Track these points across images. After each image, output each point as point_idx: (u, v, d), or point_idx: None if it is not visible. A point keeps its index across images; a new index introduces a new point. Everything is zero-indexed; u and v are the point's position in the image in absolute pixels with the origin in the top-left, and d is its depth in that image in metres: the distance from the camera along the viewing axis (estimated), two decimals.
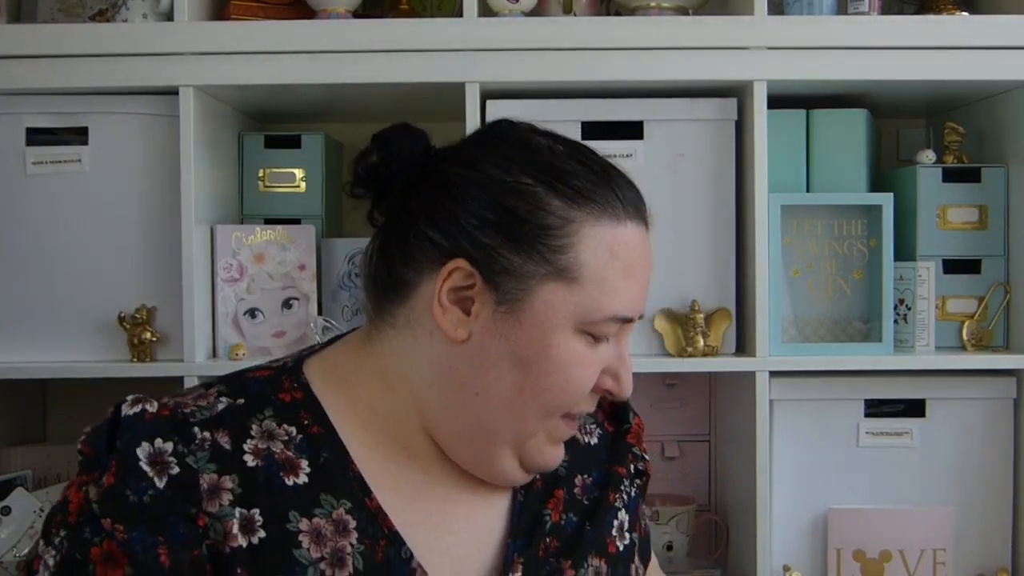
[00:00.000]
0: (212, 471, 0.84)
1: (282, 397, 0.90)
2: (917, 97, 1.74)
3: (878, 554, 1.61)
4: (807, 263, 1.64)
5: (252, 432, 0.87)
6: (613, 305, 0.88)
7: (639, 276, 0.91)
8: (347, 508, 0.86)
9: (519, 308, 0.87)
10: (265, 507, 0.84)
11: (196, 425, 0.85)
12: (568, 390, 0.89)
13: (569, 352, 0.88)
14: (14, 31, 1.55)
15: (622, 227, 0.90)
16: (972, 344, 1.63)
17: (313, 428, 0.89)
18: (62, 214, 1.57)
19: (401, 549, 0.87)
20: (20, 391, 1.75)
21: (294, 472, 0.86)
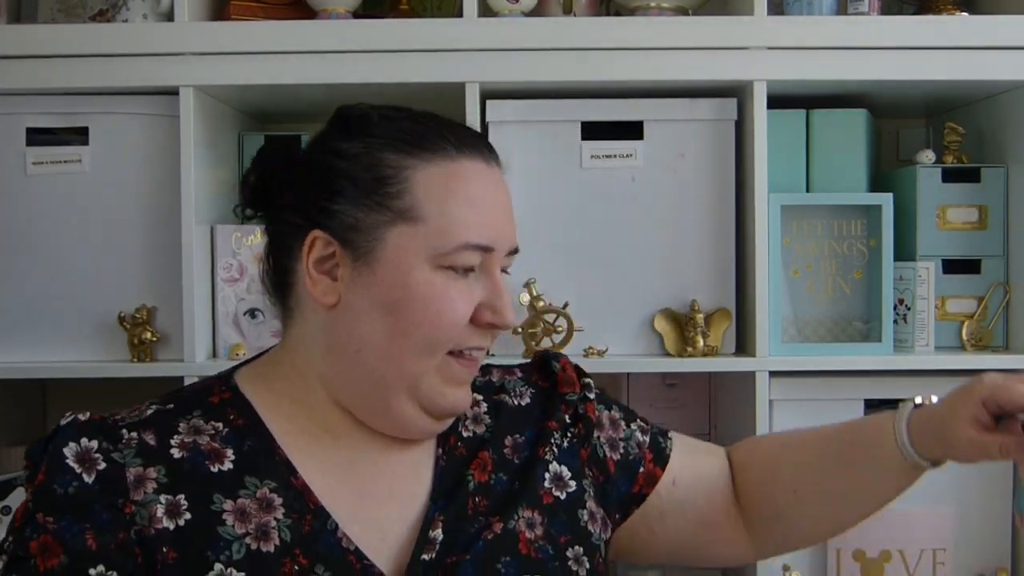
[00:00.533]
0: (138, 464, 0.92)
1: (211, 400, 0.99)
2: (917, 97, 1.74)
3: (878, 554, 1.61)
4: (807, 263, 1.64)
5: (179, 429, 0.96)
6: (460, 234, 0.94)
7: (485, 205, 0.96)
8: (271, 488, 0.93)
9: (373, 259, 0.94)
10: (190, 492, 0.92)
11: (124, 428, 0.94)
12: (439, 325, 0.94)
13: (429, 288, 0.94)
14: (14, 31, 1.55)
15: (456, 163, 0.96)
16: (972, 344, 1.63)
17: (239, 421, 0.97)
18: (62, 214, 1.57)
19: (327, 521, 0.93)
20: (20, 391, 1.75)
21: (219, 460, 0.94)
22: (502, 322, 0.96)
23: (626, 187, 1.59)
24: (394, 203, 0.94)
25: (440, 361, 0.96)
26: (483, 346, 0.98)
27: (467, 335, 0.96)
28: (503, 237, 0.97)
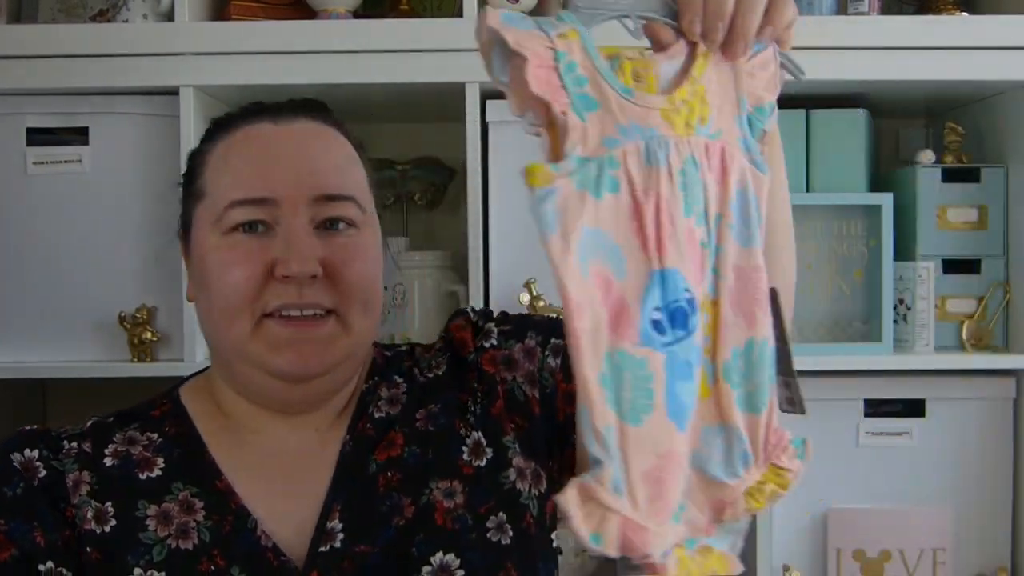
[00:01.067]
0: (75, 470, 0.96)
1: (153, 413, 1.02)
2: (917, 97, 1.74)
3: (878, 554, 1.61)
4: (807, 263, 1.64)
5: (115, 439, 0.99)
6: (228, 194, 0.95)
7: (260, 160, 0.96)
8: (193, 492, 0.96)
9: (190, 244, 1.00)
10: (117, 500, 0.95)
11: (65, 439, 0.99)
12: (226, 287, 0.94)
13: (216, 253, 0.95)
14: (14, 31, 1.55)
15: (238, 131, 0.98)
16: (971, 344, 1.63)
17: (172, 431, 1.00)
18: (62, 214, 1.56)
19: (247, 520, 0.95)
20: (20, 391, 1.75)
21: (148, 468, 0.97)
22: (287, 271, 0.92)
23: None
24: (194, 188, 1.00)
25: (256, 325, 0.94)
26: (291, 302, 0.94)
27: (268, 293, 0.94)
28: (287, 186, 0.95)
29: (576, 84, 0.74)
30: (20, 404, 1.79)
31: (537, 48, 0.73)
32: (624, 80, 0.75)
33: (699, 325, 0.75)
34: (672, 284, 0.73)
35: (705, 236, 0.76)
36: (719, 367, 0.76)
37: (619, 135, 0.74)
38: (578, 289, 0.71)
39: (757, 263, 0.78)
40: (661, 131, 0.75)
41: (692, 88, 0.77)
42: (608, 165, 0.73)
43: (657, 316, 0.72)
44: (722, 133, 0.78)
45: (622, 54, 0.77)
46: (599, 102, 0.74)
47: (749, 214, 0.78)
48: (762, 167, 0.80)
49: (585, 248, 0.71)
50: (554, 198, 0.71)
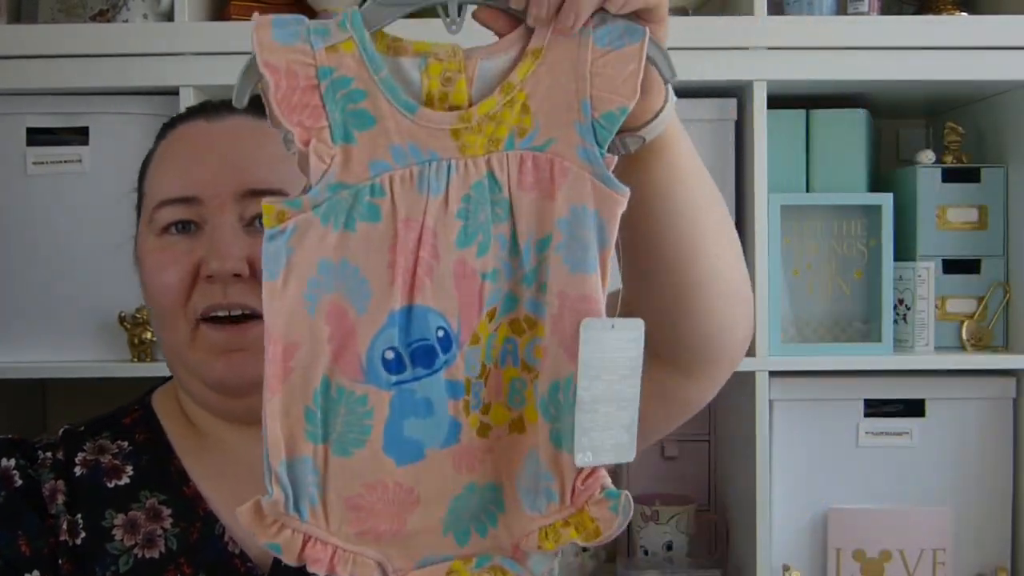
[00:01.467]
0: (50, 479, 0.95)
1: (124, 421, 1.01)
2: (917, 97, 1.74)
3: (878, 554, 1.61)
4: (807, 263, 1.64)
5: (85, 448, 0.97)
6: (156, 194, 0.95)
7: (188, 158, 0.94)
8: (160, 499, 0.95)
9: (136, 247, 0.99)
10: (86, 512, 0.94)
11: (39, 449, 0.97)
12: (156, 289, 0.93)
13: (148, 255, 0.95)
14: (14, 31, 1.55)
15: (172, 132, 0.97)
16: (971, 344, 1.63)
17: (142, 438, 0.98)
18: (62, 214, 1.56)
19: (215, 527, 0.94)
20: (20, 391, 1.75)
21: (117, 476, 0.96)
22: (209, 270, 0.90)
23: None
24: (139, 192, 1.00)
25: (193, 331, 0.92)
26: (216, 302, 0.91)
27: (196, 294, 0.91)
28: (211, 183, 0.92)
29: (349, 100, 0.68)
30: (20, 404, 1.79)
31: (293, 66, 0.68)
32: (429, 84, 0.70)
33: (457, 361, 0.70)
34: (420, 322, 0.69)
35: (499, 264, 0.70)
36: (538, 398, 0.71)
37: (391, 158, 0.69)
38: (290, 329, 0.68)
39: (586, 292, 0.70)
40: (445, 154, 0.69)
41: (505, 97, 0.70)
42: (369, 193, 0.68)
43: (390, 355, 0.69)
44: (554, 143, 0.70)
45: (431, 52, 0.71)
46: (376, 119, 0.69)
47: (584, 237, 0.70)
48: (612, 183, 0.70)
49: (321, 283, 0.68)
50: (284, 237, 0.68)
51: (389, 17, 0.70)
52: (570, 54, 0.70)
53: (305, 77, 0.68)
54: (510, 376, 0.72)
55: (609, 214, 0.70)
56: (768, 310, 1.55)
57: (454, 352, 0.70)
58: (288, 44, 0.68)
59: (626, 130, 0.73)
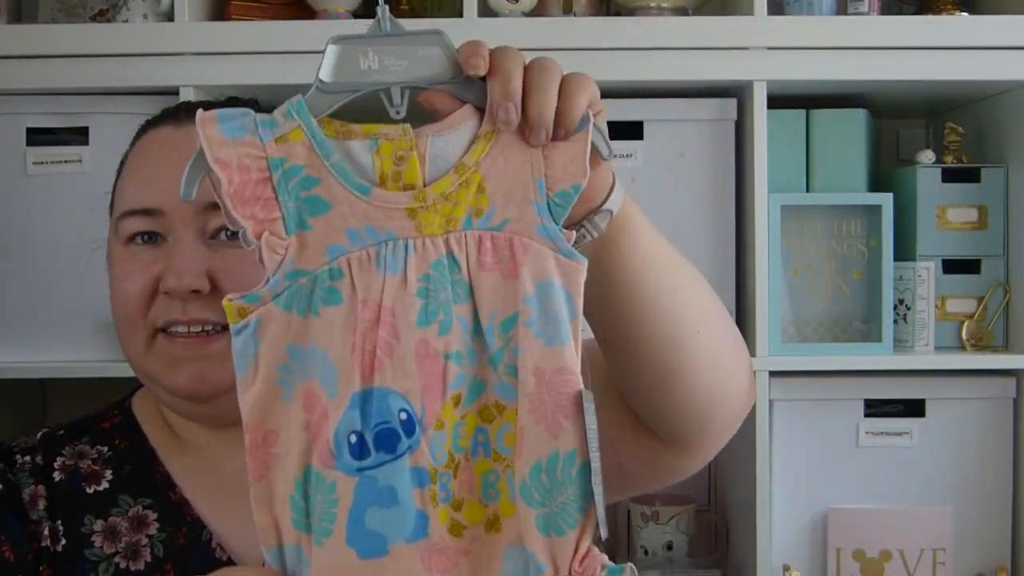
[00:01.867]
0: (30, 484, 0.93)
1: (103, 425, 0.99)
2: (917, 97, 1.74)
3: (878, 554, 1.61)
4: (807, 263, 1.64)
5: (64, 452, 0.96)
6: (121, 204, 0.93)
7: (154, 167, 0.93)
8: (146, 504, 0.93)
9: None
10: (66, 518, 0.92)
11: (18, 453, 0.96)
12: (118, 300, 0.92)
13: (115, 265, 0.93)
14: (14, 31, 1.55)
15: (143, 138, 0.96)
16: (971, 344, 1.63)
17: (123, 444, 0.97)
18: (62, 214, 1.56)
19: (202, 533, 0.93)
20: (20, 391, 1.75)
21: (96, 481, 0.94)
22: (167, 286, 0.89)
23: (626, 187, 1.59)
24: (112, 197, 0.97)
25: (149, 340, 0.91)
26: (175, 318, 0.90)
27: (155, 308, 0.91)
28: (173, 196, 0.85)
29: (302, 187, 0.69)
30: (20, 404, 1.79)
31: (244, 160, 0.68)
32: (382, 165, 0.70)
33: (422, 446, 0.69)
34: (381, 404, 0.68)
35: (462, 347, 0.70)
36: (517, 484, 0.69)
37: (348, 241, 0.69)
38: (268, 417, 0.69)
39: (564, 365, 0.69)
40: (402, 233, 0.69)
41: (460, 178, 0.70)
42: (328, 277, 0.68)
43: (353, 439, 0.68)
44: (511, 222, 0.70)
45: (380, 133, 0.71)
46: (331, 204, 0.69)
47: (555, 311, 0.69)
48: (573, 255, 0.71)
49: (293, 369, 0.68)
50: (249, 331, 0.68)
51: (334, 103, 0.70)
52: (522, 138, 0.71)
53: (257, 170, 0.68)
54: (483, 469, 0.70)
55: (574, 286, 0.71)
56: (768, 310, 1.55)
57: (418, 436, 0.69)
58: (237, 138, 0.68)
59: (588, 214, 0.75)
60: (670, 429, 0.89)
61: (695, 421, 0.87)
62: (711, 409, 0.87)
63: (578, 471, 0.69)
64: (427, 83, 0.71)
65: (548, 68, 0.72)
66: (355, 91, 0.71)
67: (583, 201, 0.73)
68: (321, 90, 0.70)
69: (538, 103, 0.70)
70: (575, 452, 0.69)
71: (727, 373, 0.86)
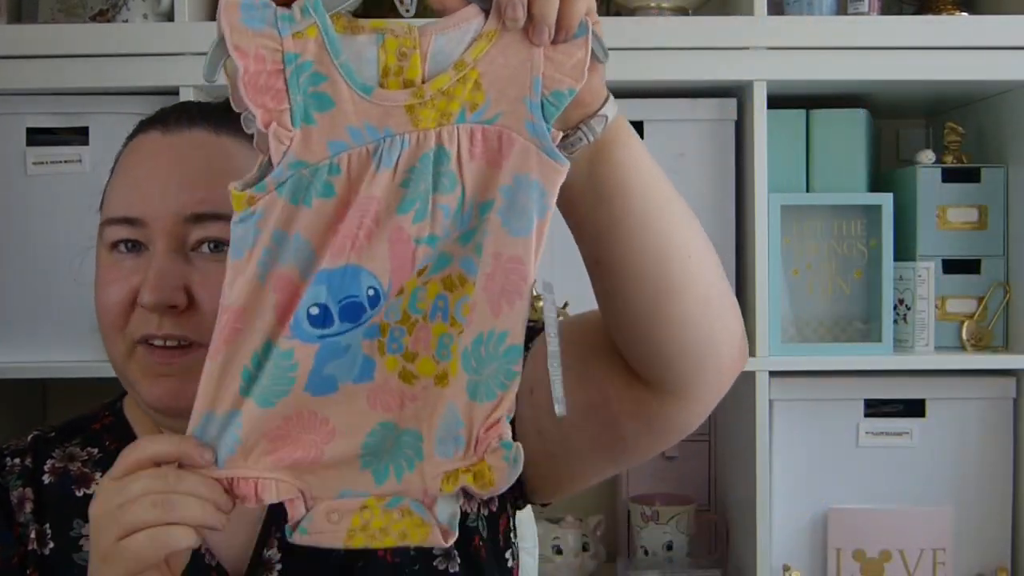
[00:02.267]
0: (19, 486, 0.94)
1: (94, 426, 0.99)
2: (917, 97, 1.74)
3: (878, 554, 1.61)
4: (807, 263, 1.64)
5: (54, 455, 0.96)
6: (107, 211, 0.92)
7: (139, 175, 0.91)
8: None
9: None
10: (55, 521, 0.92)
11: (7, 455, 0.96)
12: (105, 309, 0.90)
13: (98, 270, 0.92)
14: (14, 31, 1.55)
15: (133, 142, 0.95)
16: (972, 344, 1.63)
17: (112, 446, 0.96)
18: (62, 214, 1.56)
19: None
20: (20, 391, 1.75)
21: (86, 485, 0.94)
22: (142, 300, 0.87)
23: None
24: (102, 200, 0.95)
25: (130, 350, 0.90)
26: (151, 332, 0.88)
27: (133, 321, 0.89)
28: (154, 205, 0.88)
29: (310, 83, 0.72)
30: (20, 404, 1.79)
31: (261, 51, 0.71)
32: (386, 59, 0.73)
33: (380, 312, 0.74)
34: (352, 280, 0.73)
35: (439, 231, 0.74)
36: (461, 350, 0.75)
37: (349, 138, 0.72)
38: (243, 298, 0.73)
39: (519, 254, 0.75)
40: (399, 128, 0.73)
41: (458, 74, 0.73)
42: (327, 171, 0.72)
43: (314, 311, 0.73)
44: (502, 116, 0.74)
45: (387, 29, 0.73)
46: (335, 102, 0.72)
47: (524, 204, 0.74)
48: (555, 155, 0.74)
49: (272, 252, 0.73)
50: (253, 219, 0.72)
51: (348, 1, 0.73)
52: (523, 39, 0.74)
53: (272, 62, 0.71)
54: (439, 331, 0.76)
55: (550, 185, 0.75)
56: (768, 310, 1.55)
57: (380, 306, 0.75)
58: (257, 29, 0.71)
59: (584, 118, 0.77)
60: (660, 368, 0.85)
61: (686, 355, 0.84)
62: (703, 344, 0.84)
63: (504, 351, 0.75)
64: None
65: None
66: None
67: (580, 105, 0.76)
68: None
69: (542, 4, 0.72)
70: (507, 333, 0.75)
71: (719, 311, 0.85)
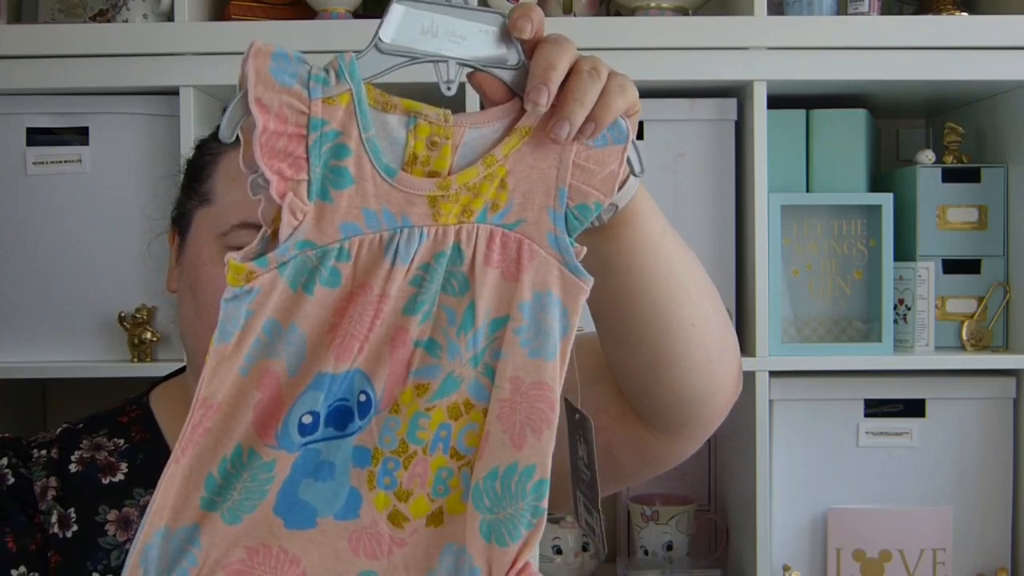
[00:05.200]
0: (43, 476, 0.96)
1: (121, 419, 1.01)
2: (917, 97, 1.74)
3: (878, 554, 1.61)
4: (807, 263, 1.64)
5: (81, 445, 0.98)
6: (235, 212, 0.90)
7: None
8: None
9: (186, 242, 0.95)
10: (80, 506, 0.95)
11: (35, 447, 0.98)
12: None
13: (215, 267, 0.90)
14: (14, 31, 1.55)
15: (230, 154, 0.94)
16: (971, 344, 1.63)
17: (139, 437, 0.99)
18: (62, 214, 1.56)
19: None
20: (20, 391, 1.75)
21: (112, 473, 0.97)
22: None
23: None
24: (201, 187, 0.95)
25: None
26: None
27: None
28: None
29: (332, 156, 0.65)
30: (20, 404, 1.79)
31: (284, 110, 0.64)
32: (415, 145, 0.67)
33: (371, 427, 0.67)
34: (345, 384, 0.66)
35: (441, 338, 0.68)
36: (471, 486, 0.67)
37: (363, 221, 0.66)
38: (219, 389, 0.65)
39: (543, 379, 0.67)
40: (419, 221, 0.67)
41: (486, 170, 0.68)
42: (334, 256, 0.66)
43: (307, 419, 0.65)
44: (524, 224, 0.69)
45: (422, 113, 0.68)
46: (355, 180, 0.66)
47: (545, 323, 0.68)
48: (579, 271, 0.69)
49: (262, 344, 0.65)
50: (248, 298, 0.65)
51: (387, 66, 0.68)
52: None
53: (295, 125, 0.65)
54: (438, 464, 0.68)
55: (573, 303, 0.69)
56: (768, 310, 1.55)
57: (370, 418, 0.67)
58: (285, 85, 0.64)
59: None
60: (658, 416, 0.88)
61: (684, 410, 0.87)
62: (700, 399, 0.87)
63: (533, 486, 0.67)
64: (485, 64, 0.69)
65: (597, 71, 0.69)
66: (412, 58, 0.68)
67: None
68: (379, 49, 0.67)
69: (573, 100, 0.67)
70: (535, 467, 0.67)
71: (719, 365, 0.87)
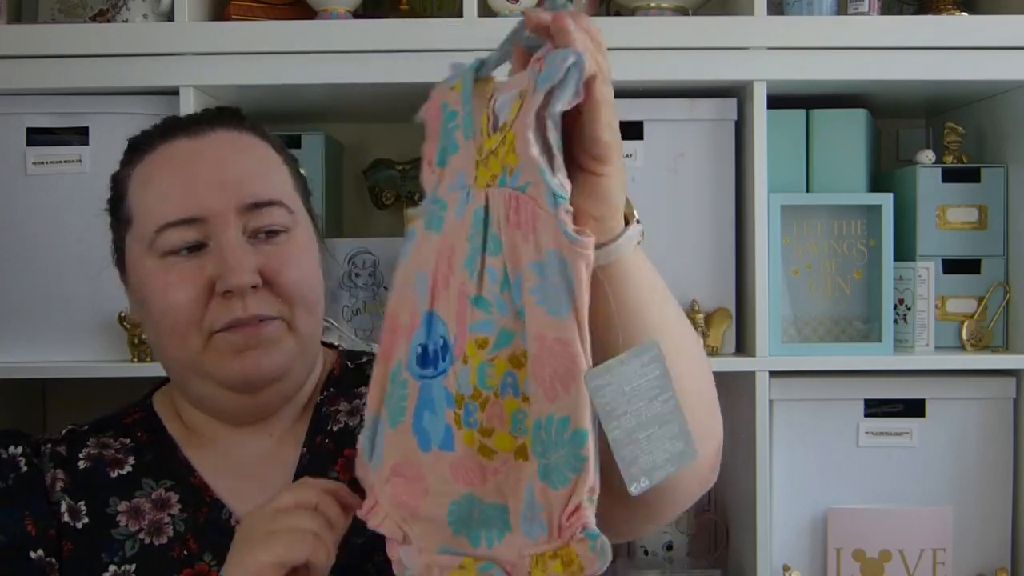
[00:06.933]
0: (51, 468, 0.99)
1: (125, 421, 1.04)
2: (917, 97, 1.74)
3: (878, 554, 1.61)
4: (807, 263, 1.64)
5: (88, 443, 1.02)
6: (156, 218, 0.95)
7: (182, 178, 0.95)
8: (168, 487, 0.99)
9: (127, 270, 1.00)
10: (90, 499, 0.98)
11: (43, 444, 1.02)
12: (169, 311, 0.94)
13: (153, 278, 0.95)
14: (14, 31, 1.55)
15: (154, 152, 0.98)
16: (971, 344, 1.63)
17: (144, 436, 1.03)
18: (62, 214, 1.56)
19: (222, 512, 0.98)
20: (20, 391, 1.75)
21: (119, 466, 1.00)
22: (227, 285, 0.92)
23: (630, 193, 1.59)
24: (121, 214, 0.99)
25: (206, 342, 0.94)
26: (238, 316, 0.93)
27: (213, 312, 0.94)
28: (213, 201, 0.94)
29: (455, 129, 0.79)
30: (20, 404, 1.79)
31: (436, 101, 0.81)
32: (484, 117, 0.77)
33: (451, 371, 0.76)
34: (437, 326, 0.77)
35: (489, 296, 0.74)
36: (530, 431, 0.73)
37: (456, 182, 0.78)
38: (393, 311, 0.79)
39: (563, 336, 0.71)
40: (470, 182, 0.77)
41: (503, 136, 0.74)
42: (443, 207, 0.78)
43: (419, 350, 0.77)
44: (531, 186, 0.72)
45: (498, 89, 0.78)
46: (458, 147, 0.79)
47: (557, 282, 0.71)
48: (570, 235, 0.71)
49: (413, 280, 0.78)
50: (414, 235, 0.79)
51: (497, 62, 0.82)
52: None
53: (435, 108, 0.81)
54: (512, 407, 0.74)
55: (575, 264, 0.71)
56: (768, 310, 1.55)
57: (449, 362, 0.76)
58: (443, 86, 0.82)
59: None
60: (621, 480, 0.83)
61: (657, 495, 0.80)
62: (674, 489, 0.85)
63: (570, 436, 0.71)
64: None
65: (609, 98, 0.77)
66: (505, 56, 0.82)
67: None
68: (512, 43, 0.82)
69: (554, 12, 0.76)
70: (568, 419, 0.71)
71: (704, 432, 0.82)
